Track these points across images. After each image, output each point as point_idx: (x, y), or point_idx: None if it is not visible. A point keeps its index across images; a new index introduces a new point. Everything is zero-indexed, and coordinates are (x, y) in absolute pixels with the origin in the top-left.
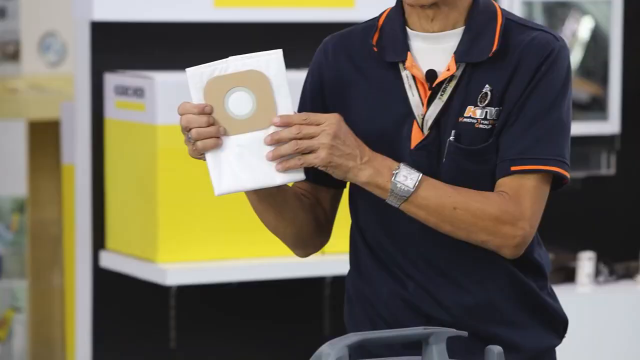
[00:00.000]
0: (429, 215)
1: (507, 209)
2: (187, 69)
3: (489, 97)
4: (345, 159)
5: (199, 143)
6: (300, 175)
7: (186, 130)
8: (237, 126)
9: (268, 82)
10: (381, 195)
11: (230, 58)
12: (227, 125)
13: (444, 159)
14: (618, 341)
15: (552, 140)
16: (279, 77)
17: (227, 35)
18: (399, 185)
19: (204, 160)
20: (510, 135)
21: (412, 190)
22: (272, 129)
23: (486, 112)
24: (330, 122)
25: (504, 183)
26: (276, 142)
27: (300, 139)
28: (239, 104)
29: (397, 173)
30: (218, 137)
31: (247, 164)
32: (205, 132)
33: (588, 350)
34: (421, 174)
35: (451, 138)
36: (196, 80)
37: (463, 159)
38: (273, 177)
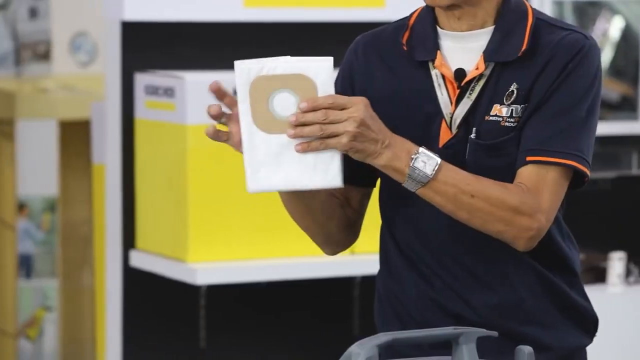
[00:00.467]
0: (446, 201)
1: (526, 201)
2: (235, 62)
3: (514, 94)
4: (368, 144)
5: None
6: (336, 181)
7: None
8: (279, 126)
9: (315, 88)
10: (399, 179)
11: (281, 58)
12: (268, 124)
13: (466, 156)
14: None
15: (573, 136)
16: (326, 85)
17: (257, 35)
18: (417, 170)
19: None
20: (531, 128)
21: (430, 176)
22: None
23: (512, 109)
24: (357, 107)
25: (522, 174)
26: (302, 124)
27: (326, 123)
28: (283, 104)
29: (416, 158)
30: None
31: (284, 164)
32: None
33: (619, 350)
34: (440, 160)
35: (472, 135)
36: (243, 74)
37: (483, 154)
38: (309, 180)
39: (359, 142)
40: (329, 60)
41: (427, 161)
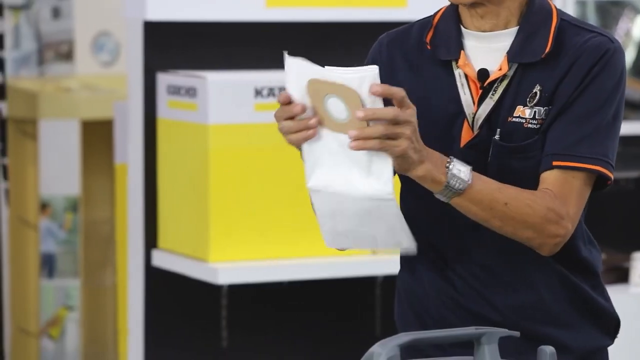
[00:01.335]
0: (481, 210)
1: (554, 208)
2: (287, 56)
3: (537, 96)
4: (415, 152)
5: (291, 136)
6: (388, 188)
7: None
8: (338, 126)
9: (359, 99)
10: (433, 188)
11: (327, 68)
12: (327, 122)
13: (489, 158)
14: None
15: (599, 140)
16: (372, 95)
17: (279, 35)
18: (454, 178)
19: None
20: (556, 131)
21: (467, 183)
22: None
23: (535, 111)
24: (411, 123)
25: (548, 178)
26: (363, 138)
27: (385, 139)
28: (337, 108)
29: (451, 167)
30: (310, 129)
31: (340, 164)
32: (294, 126)
33: None
34: (471, 169)
35: (496, 137)
36: (293, 72)
37: (507, 157)
38: (362, 185)
39: (411, 149)
40: (374, 70)
41: (461, 168)
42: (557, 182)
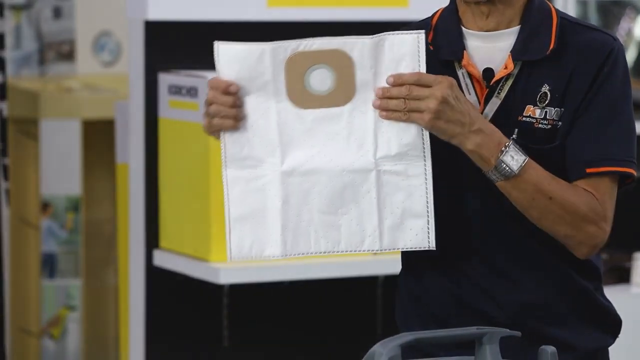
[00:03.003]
0: (523, 199)
1: (595, 209)
2: (270, 43)
3: (548, 97)
4: (453, 124)
5: (215, 120)
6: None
7: (208, 104)
8: (316, 101)
9: (352, 63)
10: (483, 167)
11: (317, 38)
12: (304, 100)
13: None
14: None
15: (624, 141)
16: (363, 59)
17: (280, 35)
18: (503, 164)
19: (216, 137)
20: (581, 137)
21: (515, 172)
22: (348, 107)
23: (546, 112)
24: (441, 85)
25: (584, 184)
26: (387, 97)
27: (409, 99)
28: (319, 80)
29: (505, 151)
30: (236, 120)
31: (317, 142)
32: (225, 111)
33: None
34: (527, 158)
35: (514, 136)
36: (280, 52)
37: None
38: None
39: (443, 120)
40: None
41: (515, 156)
42: (593, 185)
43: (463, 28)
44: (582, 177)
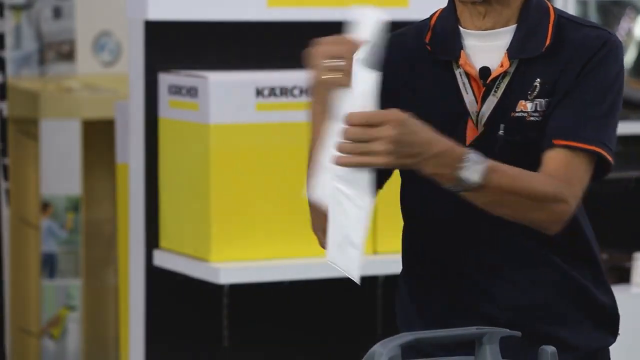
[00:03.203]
0: (489, 203)
1: (561, 188)
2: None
3: (537, 88)
4: (406, 158)
5: (336, 75)
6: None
7: (327, 57)
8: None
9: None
10: (445, 185)
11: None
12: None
13: (495, 153)
14: None
15: (600, 125)
16: (365, 97)
17: (280, 35)
18: (463, 179)
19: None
20: (558, 114)
21: (477, 183)
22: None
23: (536, 104)
24: (392, 124)
25: (551, 158)
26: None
27: (359, 141)
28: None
29: (464, 166)
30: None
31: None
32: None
33: None
34: (487, 165)
35: (500, 132)
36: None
37: (513, 151)
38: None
39: (395, 157)
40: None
41: (474, 167)
42: (560, 162)
43: (460, 28)
44: (551, 147)
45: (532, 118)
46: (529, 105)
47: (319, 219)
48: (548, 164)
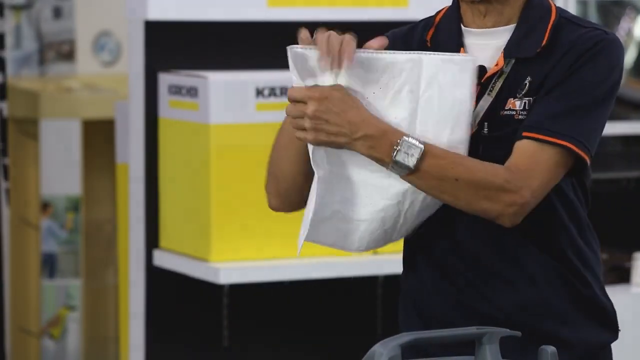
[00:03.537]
0: (429, 188)
1: (510, 178)
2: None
3: (527, 87)
4: (334, 136)
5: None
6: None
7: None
8: None
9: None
10: (383, 166)
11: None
12: None
13: (480, 152)
14: None
15: (575, 119)
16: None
17: (280, 35)
18: (398, 162)
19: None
20: (535, 107)
21: (412, 167)
22: None
23: (524, 102)
24: (312, 100)
25: (517, 149)
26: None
27: (292, 117)
28: None
29: (398, 150)
30: None
31: None
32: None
33: None
34: (424, 147)
35: (484, 130)
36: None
37: (494, 148)
38: None
39: (324, 135)
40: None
41: (409, 151)
42: (524, 154)
43: (462, 26)
44: (519, 139)
45: (520, 116)
46: (517, 104)
47: (293, 157)
48: (512, 155)
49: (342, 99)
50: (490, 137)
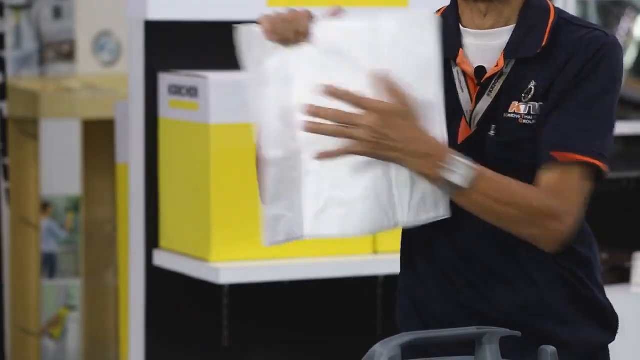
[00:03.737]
0: (477, 209)
1: (553, 204)
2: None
3: (532, 92)
4: (386, 151)
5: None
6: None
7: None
8: None
9: None
10: (432, 184)
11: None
12: None
13: (487, 154)
14: None
15: (596, 134)
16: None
17: None
18: (449, 182)
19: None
20: (554, 123)
21: (462, 186)
22: None
23: (530, 107)
24: (376, 113)
25: (547, 173)
26: (314, 115)
27: (340, 123)
28: None
29: (448, 169)
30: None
31: None
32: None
33: None
34: (472, 168)
35: (491, 132)
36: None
37: (503, 152)
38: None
39: (379, 149)
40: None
41: (459, 171)
42: (556, 177)
43: (461, 26)
44: (547, 161)
45: (524, 121)
46: (522, 108)
47: None
48: (542, 179)
49: (406, 114)
50: (499, 141)
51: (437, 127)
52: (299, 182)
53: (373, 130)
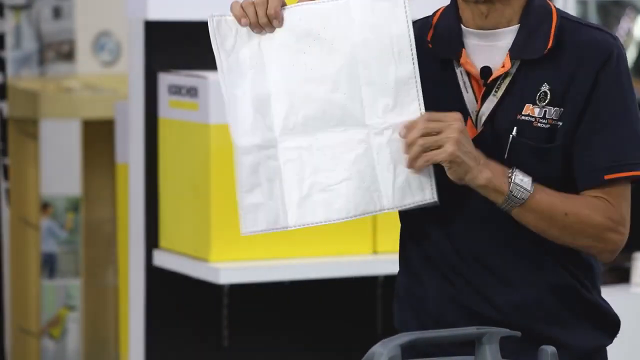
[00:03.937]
0: (541, 219)
1: (612, 216)
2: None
3: (548, 96)
4: (469, 157)
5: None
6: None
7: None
8: None
9: None
10: (496, 199)
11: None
12: None
13: (506, 155)
14: None
15: (636, 143)
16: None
17: None
18: (517, 188)
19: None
20: (593, 144)
21: (530, 193)
22: None
23: (545, 111)
24: (455, 117)
25: (595, 190)
26: (408, 145)
27: (426, 135)
28: None
29: (513, 176)
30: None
31: None
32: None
33: None
34: (531, 178)
35: (514, 134)
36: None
37: (527, 156)
38: None
39: (463, 152)
40: None
41: (524, 178)
42: (606, 192)
43: (462, 27)
44: (598, 184)
45: (539, 124)
46: (536, 111)
47: None
48: (592, 192)
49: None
50: (520, 142)
51: (415, 102)
52: (280, 171)
53: (460, 130)
